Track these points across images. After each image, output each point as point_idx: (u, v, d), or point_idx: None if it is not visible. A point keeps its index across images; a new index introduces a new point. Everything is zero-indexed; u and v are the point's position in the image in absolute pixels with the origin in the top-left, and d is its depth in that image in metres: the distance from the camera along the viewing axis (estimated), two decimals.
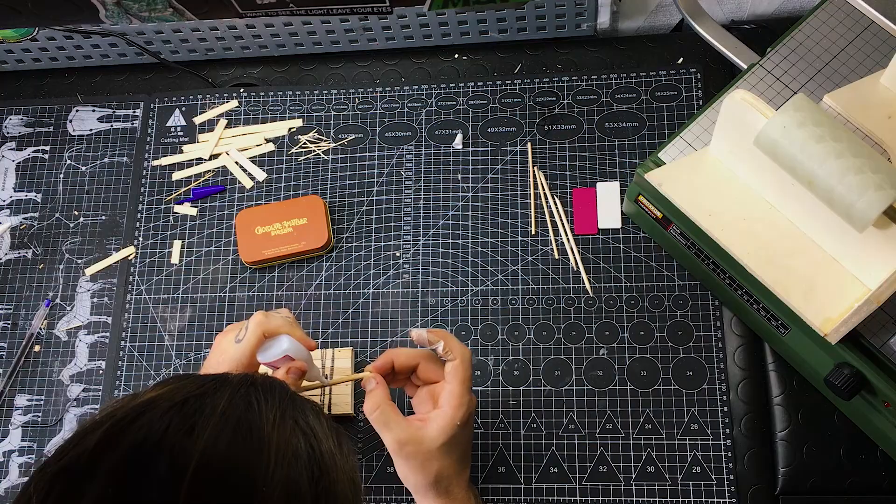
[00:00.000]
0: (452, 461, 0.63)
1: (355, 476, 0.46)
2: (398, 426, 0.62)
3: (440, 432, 0.62)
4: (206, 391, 0.42)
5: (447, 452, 0.62)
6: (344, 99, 0.92)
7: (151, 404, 0.40)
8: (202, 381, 0.43)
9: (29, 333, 0.87)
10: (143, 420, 0.39)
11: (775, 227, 0.69)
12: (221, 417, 0.40)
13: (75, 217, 0.91)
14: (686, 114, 0.86)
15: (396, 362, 0.66)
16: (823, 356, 0.68)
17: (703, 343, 0.79)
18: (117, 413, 0.40)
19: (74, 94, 0.97)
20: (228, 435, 0.39)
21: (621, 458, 0.76)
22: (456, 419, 0.62)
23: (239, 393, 0.43)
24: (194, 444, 0.38)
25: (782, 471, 0.75)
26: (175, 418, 0.39)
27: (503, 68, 0.92)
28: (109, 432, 0.39)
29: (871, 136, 0.71)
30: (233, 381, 0.44)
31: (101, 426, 0.39)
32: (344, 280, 0.85)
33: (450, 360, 0.65)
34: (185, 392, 0.42)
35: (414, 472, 0.62)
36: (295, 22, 0.90)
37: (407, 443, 0.61)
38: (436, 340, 0.65)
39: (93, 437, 0.39)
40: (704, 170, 0.72)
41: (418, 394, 0.68)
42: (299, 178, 0.90)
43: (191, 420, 0.39)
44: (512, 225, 0.85)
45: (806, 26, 0.77)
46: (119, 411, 0.40)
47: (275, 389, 0.45)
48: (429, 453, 0.62)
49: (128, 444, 0.38)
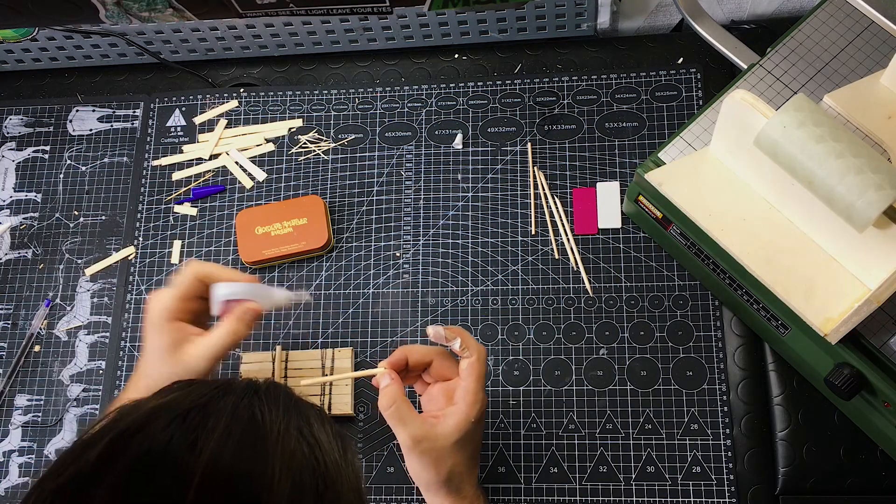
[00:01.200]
0: (465, 458, 0.63)
1: (360, 485, 0.45)
2: (413, 422, 0.62)
3: (455, 429, 0.62)
4: (210, 400, 0.42)
5: (460, 449, 0.63)
6: (344, 99, 0.92)
7: (154, 415, 0.40)
8: (205, 389, 0.43)
9: (29, 333, 0.87)
10: (145, 433, 0.39)
11: (775, 227, 0.69)
12: (225, 430, 0.40)
13: (75, 217, 0.91)
14: (686, 114, 0.86)
15: (410, 359, 0.66)
16: (823, 356, 0.68)
17: (703, 343, 0.79)
18: (119, 424, 0.40)
19: (74, 94, 0.97)
20: (232, 449, 0.39)
21: (621, 458, 0.76)
22: (471, 416, 0.63)
23: (243, 403, 0.43)
24: (197, 459, 0.38)
25: (782, 471, 0.75)
26: (177, 431, 0.39)
27: (503, 68, 0.92)
28: (111, 446, 0.38)
29: (871, 136, 0.71)
30: (237, 388, 0.44)
31: (101, 439, 0.39)
32: (344, 280, 0.85)
33: (465, 357, 0.65)
34: (189, 402, 0.41)
35: (427, 469, 0.62)
36: (295, 22, 0.90)
37: (422, 439, 0.61)
38: (452, 337, 0.65)
39: (94, 451, 0.38)
40: (704, 170, 0.72)
41: (429, 391, 0.68)
42: (299, 178, 0.90)
43: (193, 434, 0.39)
44: (512, 225, 0.85)
45: (806, 26, 0.77)
46: (121, 423, 0.40)
47: (279, 398, 0.45)
48: (443, 450, 0.62)
49: (130, 457, 0.38)
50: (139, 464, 0.37)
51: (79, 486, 0.37)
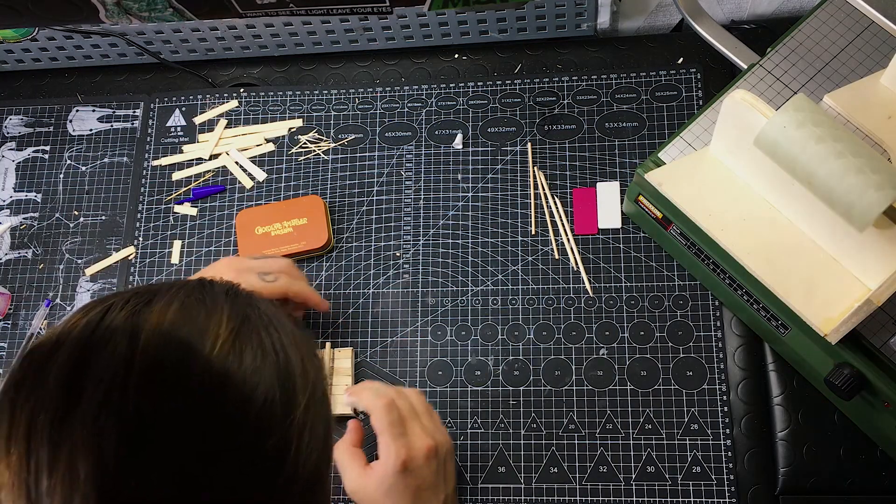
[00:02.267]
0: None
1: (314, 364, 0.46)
2: (349, 474, 0.66)
3: (379, 482, 0.64)
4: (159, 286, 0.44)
5: (396, 500, 0.64)
6: (344, 99, 0.92)
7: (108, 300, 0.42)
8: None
9: (29, 333, 0.87)
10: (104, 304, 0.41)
11: (775, 227, 0.69)
12: (181, 290, 0.42)
13: (75, 217, 0.91)
14: (686, 114, 0.86)
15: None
16: (823, 356, 0.68)
17: (703, 343, 0.79)
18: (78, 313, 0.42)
19: (74, 94, 0.97)
20: (182, 300, 0.41)
21: (621, 458, 0.76)
22: (390, 469, 0.64)
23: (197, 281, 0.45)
24: (151, 310, 0.40)
25: (782, 471, 0.75)
26: (134, 298, 0.41)
27: (503, 68, 0.92)
28: (72, 316, 0.41)
29: (871, 136, 0.71)
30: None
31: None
32: (344, 280, 0.85)
33: (372, 415, 0.66)
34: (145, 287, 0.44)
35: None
36: (295, 22, 0.90)
37: (356, 490, 0.65)
38: (350, 402, 0.69)
39: (58, 328, 0.41)
40: (704, 170, 0.72)
41: None
42: (299, 178, 0.90)
43: (149, 296, 0.41)
44: (512, 225, 0.85)
45: (806, 26, 0.77)
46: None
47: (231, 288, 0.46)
48: (374, 500, 0.64)
49: (91, 317, 0.40)
50: (100, 319, 0.40)
51: (45, 347, 0.39)
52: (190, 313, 0.41)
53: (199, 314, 0.41)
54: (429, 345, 0.82)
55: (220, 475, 0.37)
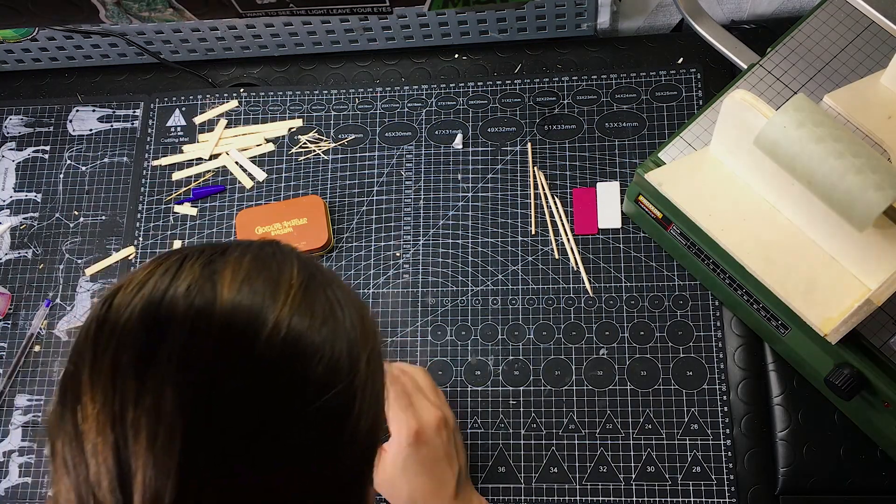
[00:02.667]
0: (422, 482, 0.64)
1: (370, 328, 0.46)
2: None
3: (394, 459, 0.63)
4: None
5: (413, 474, 0.63)
6: (344, 99, 0.92)
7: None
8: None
9: (29, 333, 0.87)
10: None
11: (775, 227, 0.69)
12: (252, 244, 0.44)
13: (75, 217, 0.91)
14: (686, 114, 0.86)
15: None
16: (823, 356, 0.68)
17: (703, 343, 0.79)
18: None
19: (74, 94, 0.97)
20: (256, 252, 0.42)
21: (621, 458, 0.76)
22: (403, 440, 0.63)
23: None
24: (226, 259, 0.41)
25: (782, 471, 0.75)
26: (208, 249, 0.42)
27: (503, 68, 0.92)
28: (147, 265, 0.42)
29: (871, 136, 0.71)
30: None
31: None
32: (344, 280, 0.85)
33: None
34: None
35: (389, 498, 0.65)
36: (295, 22, 0.90)
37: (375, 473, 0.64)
38: None
39: (138, 274, 0.42)
40: (704, 170, 0.72)
41: None
42: (299, 178, 0.90)
43: (223, 248, 0.43)
44: (512, 225, 0.85)
45: (806, 26, 0.77)
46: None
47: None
48: (392, 479, 0.64)
49: (169, 264, 0.41)
50: (170, 275, 0.40)
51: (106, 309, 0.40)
52: (265, 263, 0.42)
53: (272, 264, 0.42)
54: (429, 345, 0.82)
55: (291, 423, 0.38)
